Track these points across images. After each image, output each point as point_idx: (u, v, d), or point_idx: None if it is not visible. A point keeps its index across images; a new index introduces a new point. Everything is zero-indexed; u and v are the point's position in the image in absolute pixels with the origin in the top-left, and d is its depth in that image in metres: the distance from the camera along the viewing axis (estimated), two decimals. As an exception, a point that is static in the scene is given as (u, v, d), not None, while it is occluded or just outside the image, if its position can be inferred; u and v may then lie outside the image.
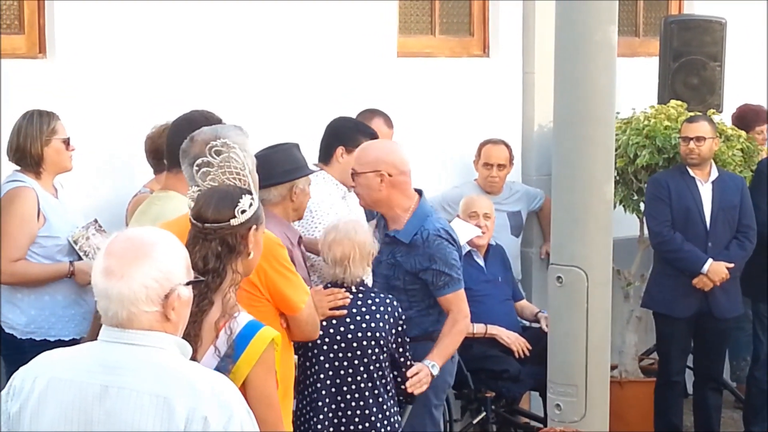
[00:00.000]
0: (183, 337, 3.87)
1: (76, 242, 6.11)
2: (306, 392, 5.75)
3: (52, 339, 6.07)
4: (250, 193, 4.19)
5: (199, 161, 4.34)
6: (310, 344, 5.65)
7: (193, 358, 3.93)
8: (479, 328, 7.41)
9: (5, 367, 6.21)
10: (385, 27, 7.93)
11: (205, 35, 7.20)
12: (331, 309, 5.72)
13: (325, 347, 5.68)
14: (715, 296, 7.66)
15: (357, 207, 6.67)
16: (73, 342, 6.00)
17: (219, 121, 5.15)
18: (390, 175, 5.99)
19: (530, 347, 7.38)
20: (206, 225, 4.09)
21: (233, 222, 4.09)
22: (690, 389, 8.18)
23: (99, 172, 6.84)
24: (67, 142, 6.16)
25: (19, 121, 6.13)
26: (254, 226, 4.14)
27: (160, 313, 3.04)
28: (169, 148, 5.29)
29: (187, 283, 3.09)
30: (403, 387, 6.25)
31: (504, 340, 7.42)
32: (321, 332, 5.52)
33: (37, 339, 6.08)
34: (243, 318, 4.07)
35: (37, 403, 3.10)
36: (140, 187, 6.73)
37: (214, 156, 4.30)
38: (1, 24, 6.80)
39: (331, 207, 6.31)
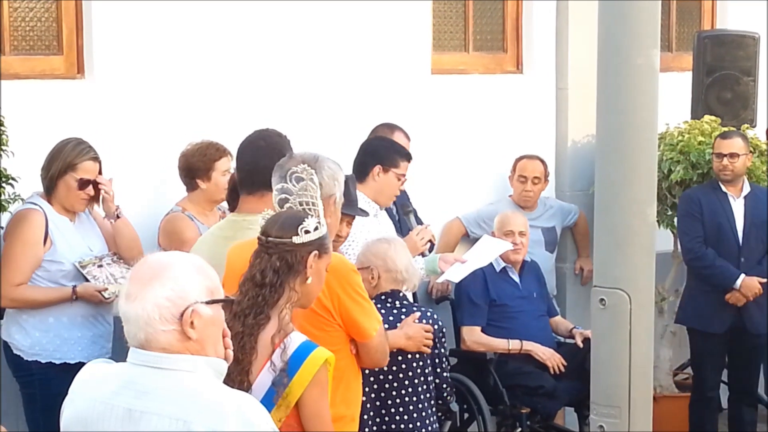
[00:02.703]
0: (239, 350, 3.92)
1: (83, 267, 6.07)
2: None
3: (57, 362, 6.03)
4: (318, 218, 4.23)
5: (278, 186, 4.37)
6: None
7: (248, 371, 4.04)
8: (515, 344, 7.46)
9: (18, 387, 6.21)
10: (419, 44, 7.96)
11: (241, 56, 7.24)
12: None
13: None
14: (749, 311, 7.67)
15: (388, 224, 6.73)
16: (80, 365, 5.94)
17: (288, 142, 5.06)
18: None
19: (565, 363, 7.41)
20: (269, 239, 4.16)
21: (295, 240, 4.14)
22: (725, 404, 8.18)
23: (135, 191, 6.87)
24: (84, 182, 6.05)
25: (58, 144, 6.12)
26: (316, 252, 4.18)
27: (178, 331, 3.05)
28: (250, 171, 4.97)
29: (209, 302, 3.09)
30: (440, 402, 6.32)
31: (539, 356, 7.44)
32: None
33: (43, 361, 6.05)
34: (297, 337, 4.13)
35: (68, 426, 3.16)
36: (172, 205, 6.75)
37: (294, 183, 4.33)
38: (41, 45, 6.85)
39: (363, 225, 6.36)
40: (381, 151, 6.66)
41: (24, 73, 6.69)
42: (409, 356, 5.95)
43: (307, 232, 4.16)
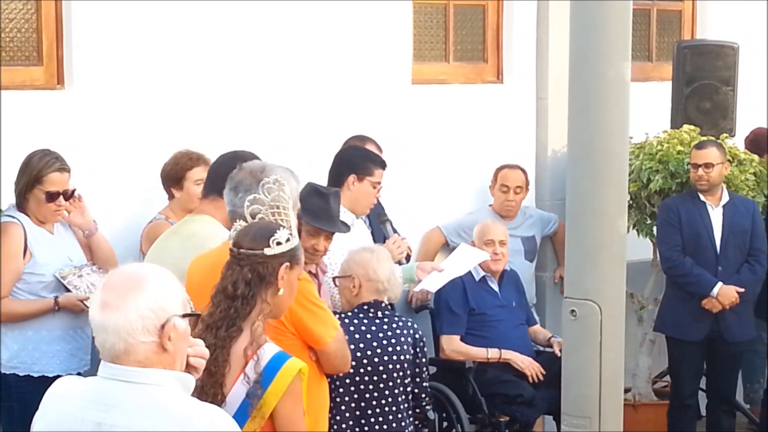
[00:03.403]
0: (211, 362, 3.95)
1: (64, 278, 6.06)
2: (329, 414, 5.86)
3: (35, 375, 6.01)
4: (290, 230, 4.27)
5: (251, 197, 4.42)
6: None
7: (221, 384, 4.06)
8: (493, 353, 7.49)
9: None
10: (400, 54, 7.99)
11: (221, 66, 7.27)
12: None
13: (351, 370, 5.78)
14: (726, 320, 7.71)
15: (364, 233, 6.78)
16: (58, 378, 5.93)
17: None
18: None
19: (544, 372, 7.44)
20: (241, 251, 4.19)
21: (267, 251, 4.18)
22: (703, 411, 8.22)
23: (116, 201, 6.91)
24: (52, 195, 6.03)
25: (26, 157, 6.10)
26: (287, 263, 4.22)
27: (157, 343, 3.07)
28: (211, 177, 5.28)
29: (183, 316, 3.12)
30: (418, 411, 6.36)
31: (518, 365, 7.48)
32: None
33: (21, 374, 6.02)
34: (270, 349, 4.15)
35: None
36: (155, 214, 6.79)
37: (267, 194, 4.37)
38: (20, 55, 6.87)
39: (338, 235, 6.39)
40: (355, 160, 6.72)
41: (4, 84, 6.69)
42: (390, 366, 5.98)
43: (278, 243, 4.19)
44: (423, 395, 6.36)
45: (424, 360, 6.31)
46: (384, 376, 5.96)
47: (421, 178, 8.05)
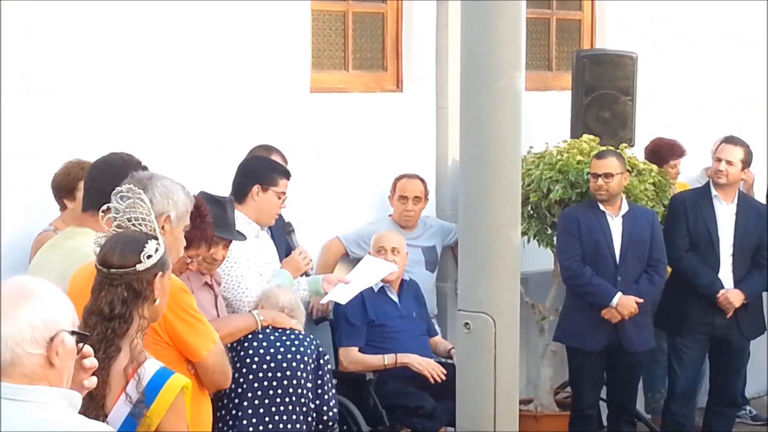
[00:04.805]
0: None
1: None
2: (230, 415, 5.98)
3: None
4: (156, 239, 4.18)
5: (104, 207, 4.34)
6: (238, 365, 5.92)
7: (102, 405, 3.98)
8: (389, 359, 7.43)
9: None
10: (298, 62, 7.91)
11: (116, 74, 7.15)
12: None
13: (254, 366, 5.92)
14: (626, 330, 7.73)
15: (270, 245, 6.72)
16: None
17: (138, 163, 5.11)
18: None
19: (445, 372, 7.36)
20: (112, 270, 4.09)
21: (139, 267, 4.09)
22: (605, 421, 8.23)
23: (6, 212, 6.78)
24: None
25: None
26: (160, 272, 4.15)
27: (44, 357, 3.00)
28: (88, 189, 5.21)
29: (72, 333, 3.05)
30: (325, 418, 6.34)
31: (416, 367, 7.40)
32: (251, 352, 5.92)
33: None
34: (151, 365, 4.07)
35: None
36: (45, 225, 6.64)
37: (120, 201, 4.30)
38: None
39: (244, 246, 6.35)
40: (259, 170, 6.68)
41: None
42: (294, 364, 6.06)
43: (149, 257, 4.12)
44: (325, 408, 6.33)
45: (327, 375, 6.32)
46: (288, 372, 6.06)
47: (321, 188, 7.99)
